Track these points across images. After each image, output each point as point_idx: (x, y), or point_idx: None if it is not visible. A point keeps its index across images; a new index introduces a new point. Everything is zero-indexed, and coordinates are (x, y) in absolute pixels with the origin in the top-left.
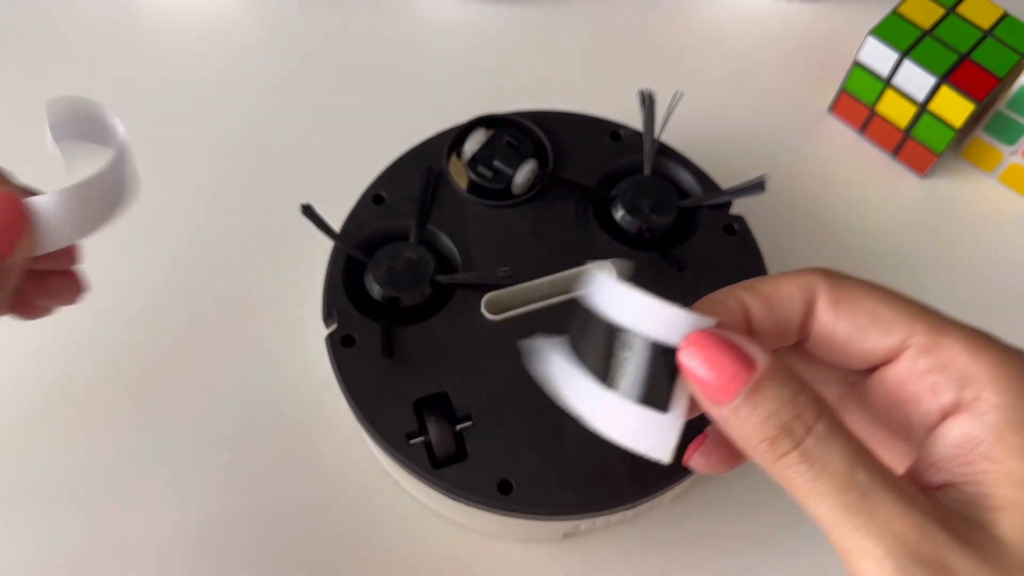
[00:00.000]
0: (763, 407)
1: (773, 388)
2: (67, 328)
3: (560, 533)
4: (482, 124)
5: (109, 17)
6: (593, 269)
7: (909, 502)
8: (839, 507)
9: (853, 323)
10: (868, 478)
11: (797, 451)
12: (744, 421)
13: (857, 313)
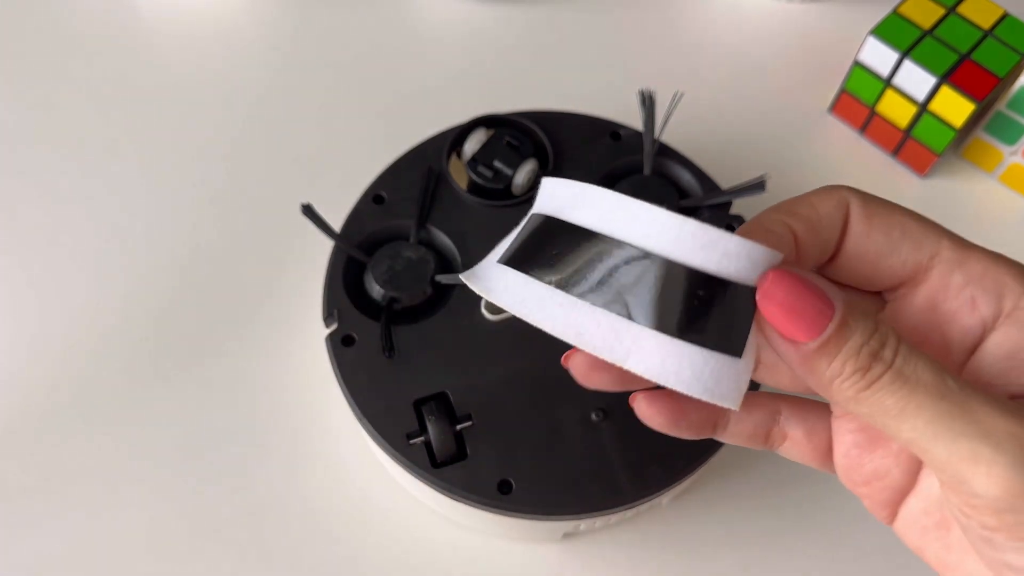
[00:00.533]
0: (854, 340)
1: (857, 322)
2: (67, 328)
3: (560, 533)
4: (482, 124)
5: (109, 17)
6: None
7: (1003, 402)
8: (939, 416)
9: (887, 236)
10: (959, 386)
11: (889, 373)
12: (833, 356)
13: (890, 226)
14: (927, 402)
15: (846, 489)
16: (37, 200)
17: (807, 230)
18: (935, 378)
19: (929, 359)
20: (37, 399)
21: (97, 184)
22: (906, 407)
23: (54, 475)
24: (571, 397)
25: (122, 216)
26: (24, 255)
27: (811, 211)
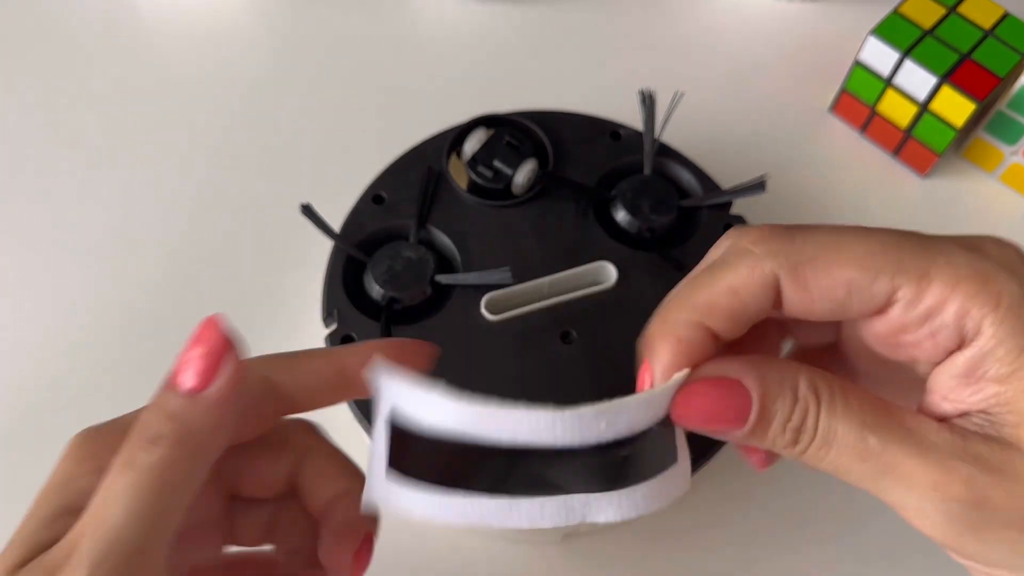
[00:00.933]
0: (777, 421)
1: (775, 401)
2: (67, 328)
3: (560, 534)
4: (482, 124)
5: (109, 17)
6: (595, 269)
7: (925, 449)
8: (865, 476)
9: (831, 300)
10: (879, 441)
11: (815, 441)
12: (763, 438)
13: (832, 288)
14: (852, 464)
15: (846, 489)
16: (36, 200)
17: (727, 325)
18: (855, 439)
19: (850, 416)
20: (37, 399)
21: (96, 184)
22: (837, 469)
23: None
24: (571, 399)
25: (121, 216)
26: (24, 255)
27: (732, 300)
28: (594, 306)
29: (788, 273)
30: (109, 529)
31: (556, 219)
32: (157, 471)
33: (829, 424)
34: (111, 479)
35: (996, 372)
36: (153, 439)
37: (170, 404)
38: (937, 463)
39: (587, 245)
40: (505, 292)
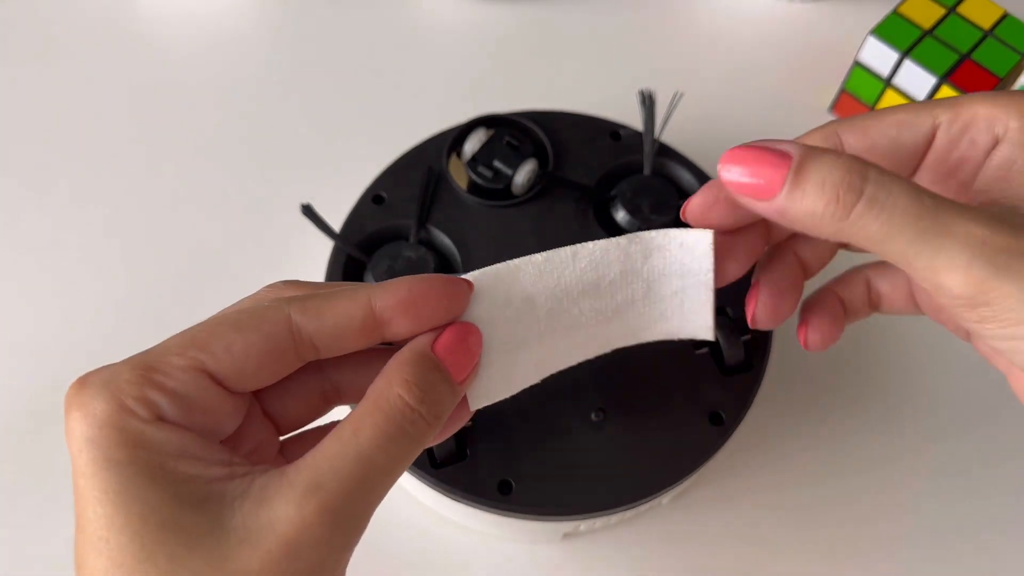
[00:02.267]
0: (813, 178)
1: (816, 161)
2: (68, 327)
3: (560, 533)
4: (482, 124)
5: (109, 17)
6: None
7: (975, 211)
8: (918, 233)
9: (886, 138)
10: (934, 201)
11: (863, 199)
12: (802, 199)
13: (887, 127)
14: (907, 222)
15: (845, 488)
16: (36, 200)
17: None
18: (910, 199)
19: (903, 180)
20: (38, 399)
21: (96, 184)
22: (889, 230)
23: (55, 475)
24: (571, 397)
25: (121, 216)
26: (24, 255)
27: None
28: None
29: (848, 128)
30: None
31: (556, 219)
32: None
33: (881, 184)
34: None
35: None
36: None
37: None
38: (986, 222)
39: None
40: None
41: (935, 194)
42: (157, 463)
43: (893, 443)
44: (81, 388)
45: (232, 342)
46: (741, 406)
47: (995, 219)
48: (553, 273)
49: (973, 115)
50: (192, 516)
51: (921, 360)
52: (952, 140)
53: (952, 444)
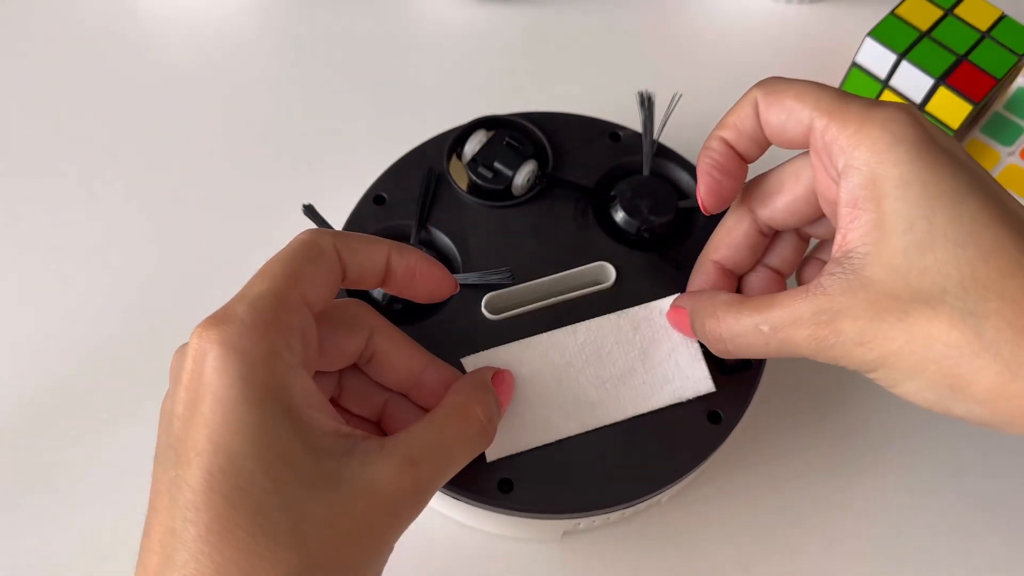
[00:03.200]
0: (696, 331)
1: (697, 317)
2: (69, 328)
3: (560, 531)
4: (482, 125)
5: (110, 17)
6: (594, 269)
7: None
8: (761, 340)
9: (777, 125)
10: (727, 301)
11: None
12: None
13: (779, 111)
14: (755, 340)
15: (845, 488)
16: (37, 200)
17: (735, 134)
18: (749, 325)
19: (741, 314)
20: (39, 399)
21: (97, 184)
22: (742, 349)
23: (56, 475)
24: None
25: (123, 216)
26: (25, 255)
27: (735, 119)
28: (593, 306)
29: (761, 94)
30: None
31: (555, 220)
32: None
33: (729, 321)
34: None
35: (854, 206)
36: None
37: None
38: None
39: (586, 245)
40: (505, 292)
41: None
42: (295, 408)
43: (892, 442)
44: (226, 325)
45: (315, 273)
46: (739, 405)
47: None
48: (557, 348)
49: (835, 137)
50: (315, 463)
51: None
52: (820, 150)
53: (953, 444)
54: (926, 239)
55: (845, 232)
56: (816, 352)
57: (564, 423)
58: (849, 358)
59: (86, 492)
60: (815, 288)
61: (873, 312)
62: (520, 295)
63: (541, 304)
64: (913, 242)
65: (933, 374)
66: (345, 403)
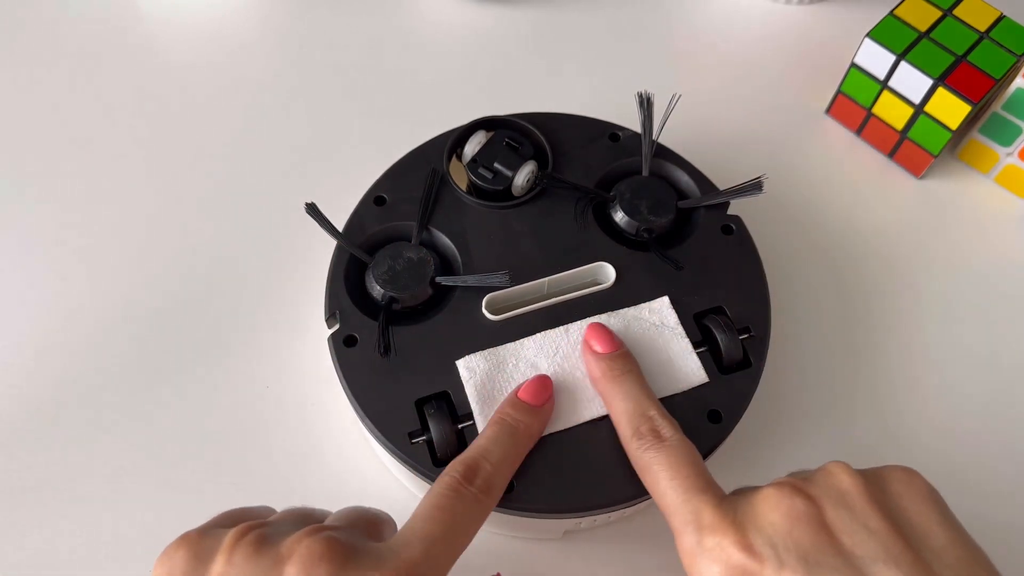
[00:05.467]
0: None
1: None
2: (70, 328)
3: (561, 531)
4: (482, 126)
5: (111, 18)
6: (594, 269)
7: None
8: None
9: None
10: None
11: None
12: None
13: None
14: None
15: None
16: (38, 201)
17: None
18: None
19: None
20: (41, 399)
21: (98, 184)
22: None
23: (57, 474)
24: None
25: (124, 216)
26: (26, 255)
27: None
28: (593, 306)
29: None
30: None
31: (555, 220)
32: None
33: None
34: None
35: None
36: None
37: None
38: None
39: (586, 246)
40: (505, 293)
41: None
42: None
43: (891, 442)
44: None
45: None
46: (739, 404)
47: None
48: (551, 346)
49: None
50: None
51: (920, 360)
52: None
53: (953, 444)
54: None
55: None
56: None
57: (563, 416)
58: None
59: (86, 492)
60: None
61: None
62: (520, 295)
63: (541, 304)
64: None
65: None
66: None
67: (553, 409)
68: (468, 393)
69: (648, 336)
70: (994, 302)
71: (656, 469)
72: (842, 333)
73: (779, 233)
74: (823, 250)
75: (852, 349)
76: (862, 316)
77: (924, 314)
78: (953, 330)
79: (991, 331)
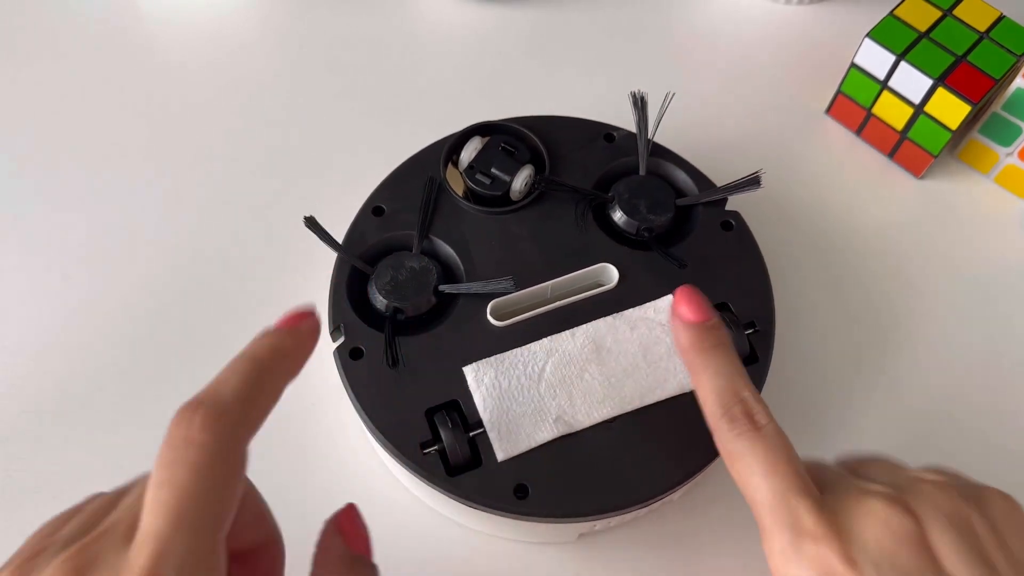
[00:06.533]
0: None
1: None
2: (71, 330)
3: (575, 534)
4: (477, 132)
5: (110, 19)
6: (597, 271)
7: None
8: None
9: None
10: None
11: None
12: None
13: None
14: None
15: None
16: (39, 202)
17: None
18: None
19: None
20: (41, 399)
21: (97, 185)
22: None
23: (57, 474)
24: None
25: (123, 218)
26: (26, 255)
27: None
28: (598, 307)
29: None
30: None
31: (555, 223)
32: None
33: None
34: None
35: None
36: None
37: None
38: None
39: (587, 247)
40: (509, 298)
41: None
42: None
43: (895, 442)
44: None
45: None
46: None
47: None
48: (558, 350)
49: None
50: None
51: (921, 359)
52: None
53: (954, 443)
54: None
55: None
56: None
57: (573, 418)
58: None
59: (86, 492)
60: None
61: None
62: (524, 300)
63: (546, 308)
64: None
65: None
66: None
67: (314, 340)
68: (476, 400)
69: (655, 335)
70: (994, 302)
71: (750, 460)
72: (842, 333)
73: (779, 233)
74: (823, 250)
75: (852, 348)
76: (862, 316)
77: (924, 314)
78: (953, 329)
79: (991, 331)
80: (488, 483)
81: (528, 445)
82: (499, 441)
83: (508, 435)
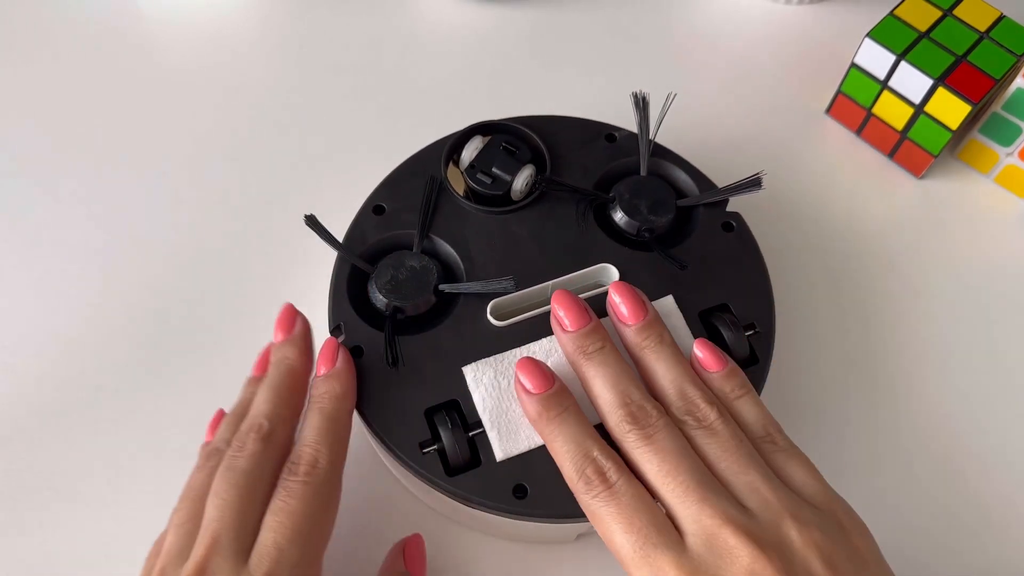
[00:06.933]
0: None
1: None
2: (71, 331)
3: (574, 534)
4: (478, 131)
5: (110, 19)
6: (597, 271)
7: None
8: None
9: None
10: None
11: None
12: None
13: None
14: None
15: (855, 483)
16: (40, 202)
17: None
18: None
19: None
20: (41, 399)
21: (98, 189)
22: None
23: (58, 474)
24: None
25: (123, 219)
26: (29, 257)
27: None
28: (598, 308)
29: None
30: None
31: (556, 223)
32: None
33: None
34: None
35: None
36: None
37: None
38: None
39: (588, 248)
40: (510, 298)
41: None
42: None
43: (892, 442)
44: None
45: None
46: None
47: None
48: (557, 350)
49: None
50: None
51: (920, 360)
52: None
53: (954, 443)
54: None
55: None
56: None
57: None
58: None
59: (86, 492)
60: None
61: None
62: (525, 300)
63: (547, 308)
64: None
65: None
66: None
67: (353, 370)
68: (475, 400)
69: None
70: (994, 302)
71: (608, 520)
72: (842, 333)
73: (779, 233)
74: (823, 250)
75: (853, 349)
76: (862, 316)
77: (924, 314)
78: (953, 329)
79: (991, 331)
80: (487, 483)
81: (528, 445)
82: (498, 441)
83: (507, 435)
